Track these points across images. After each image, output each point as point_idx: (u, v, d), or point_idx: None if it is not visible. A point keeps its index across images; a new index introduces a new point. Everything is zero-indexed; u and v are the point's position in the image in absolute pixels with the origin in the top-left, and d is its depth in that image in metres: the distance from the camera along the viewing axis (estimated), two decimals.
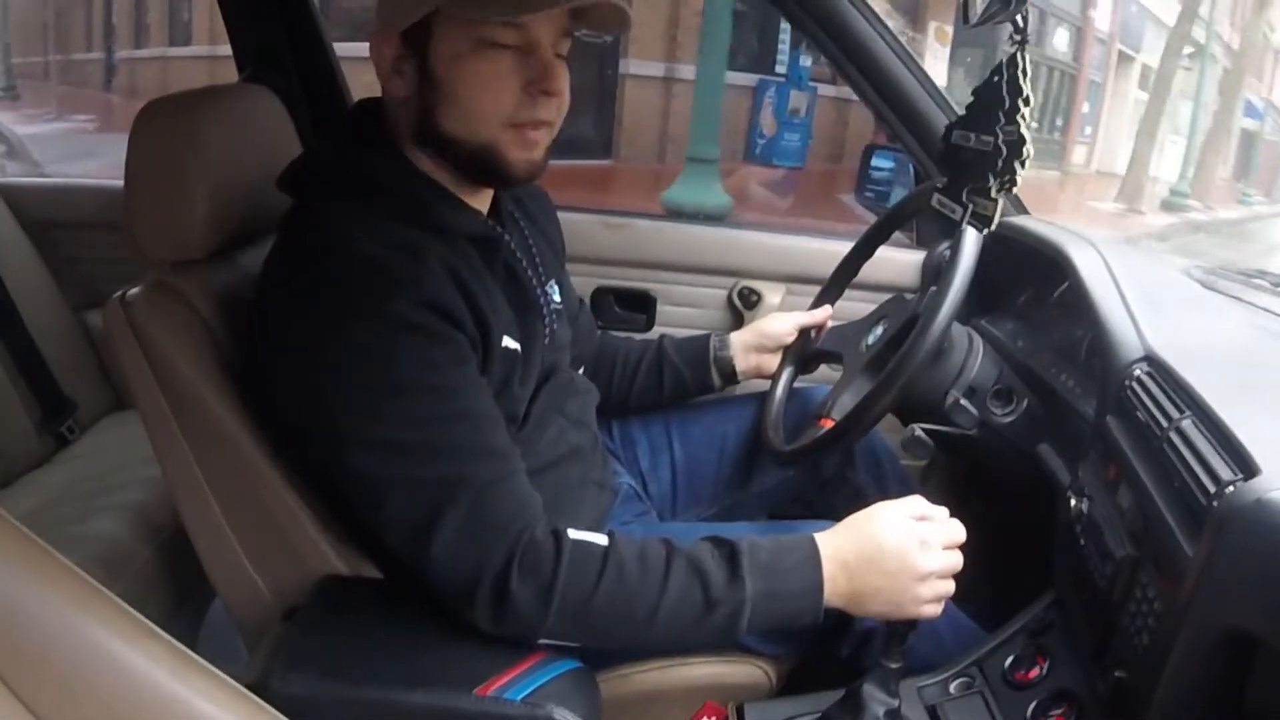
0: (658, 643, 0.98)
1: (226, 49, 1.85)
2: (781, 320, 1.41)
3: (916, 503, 1.02)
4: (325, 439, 0.95)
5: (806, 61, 11.04)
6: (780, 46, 11.40)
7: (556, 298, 1.20)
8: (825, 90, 11.30)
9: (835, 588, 0.97)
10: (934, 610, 1.00)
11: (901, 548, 0.98)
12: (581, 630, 0.95)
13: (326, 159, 1.06)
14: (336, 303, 0.92)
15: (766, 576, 0.95)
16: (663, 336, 1.44)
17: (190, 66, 10.62)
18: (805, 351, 1.41)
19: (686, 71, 9.33)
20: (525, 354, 1.07)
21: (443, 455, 0.92)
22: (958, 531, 1.01)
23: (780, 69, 11.43)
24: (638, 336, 1.49)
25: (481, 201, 1.09)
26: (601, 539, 0.95)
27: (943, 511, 1.03)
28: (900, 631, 0.99)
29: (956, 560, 1.00)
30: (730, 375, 1.40)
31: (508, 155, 0.99)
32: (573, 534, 0.95)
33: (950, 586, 1.00)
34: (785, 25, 10.75)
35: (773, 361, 1.41)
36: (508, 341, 1.03)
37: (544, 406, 1.12)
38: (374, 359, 0.91)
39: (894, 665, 0.98)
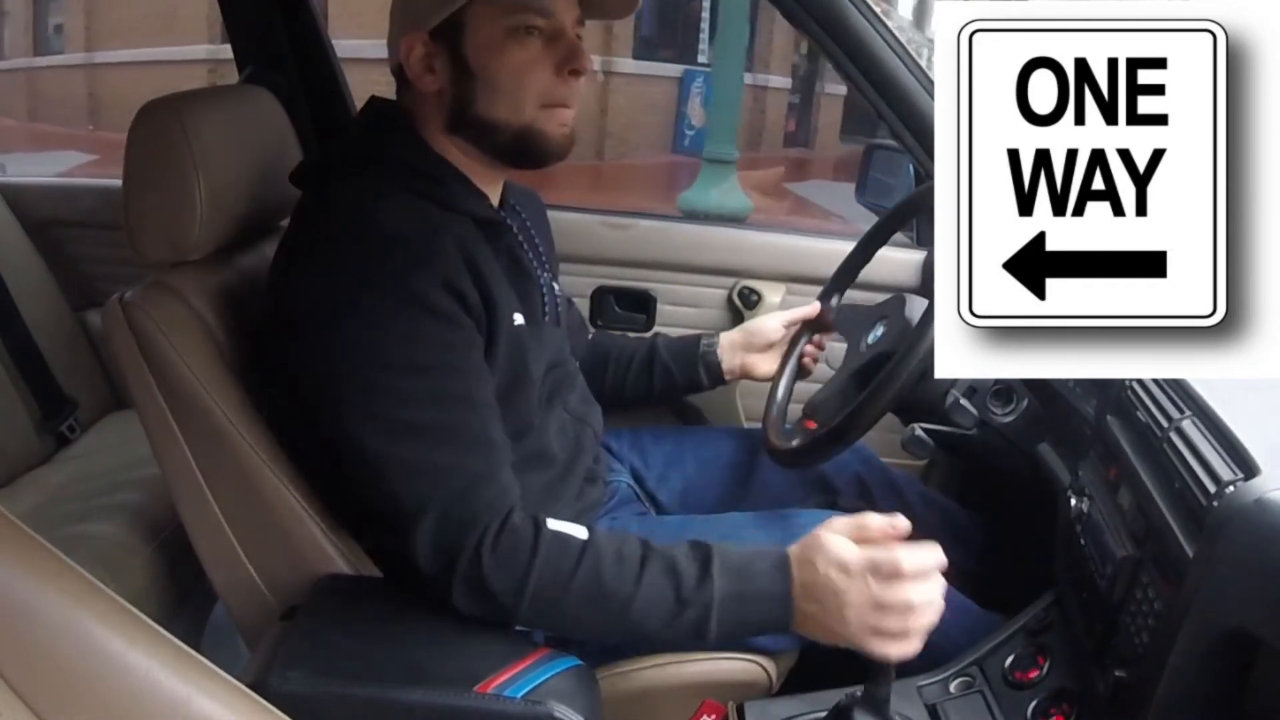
0: (629, 639, 1.00)
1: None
2: (770, 320, 1.40)
3: (867, 520, 0.95)
4: (336, 415, 0.96)
5: None
6: (701, 35, 10.56)
7: (556, 288, 1.22)
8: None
9: (802, 604, 0.93)
10: (902, 649, 0.91)
11: (846, 579, 0.91)
12: (554, 619, 0.97)
13: (345, 143, 1.10)
14: (357, 279, 0.96)
15: (736, 578, 0.94)
16: (656, 335, 1.44)
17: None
18: (819, 323, 1.39)
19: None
20: (533, 333, 1.09)
21: (445, 439, 0.95)
22: (924, 559, 0.91)
23: (703, 58, 10.27)
24: (631, 335, 1.48)
25: (493, 191, 1.12)
26: (581, 531, 0.97)
27: (909, 551, 0.91)
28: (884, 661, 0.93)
29: (928, 591, 0.91)
30: (717, 374, 1.39)
31: (547, 133, 1.05)
32: (552, 525, 0.96)
33: (928, 618, 0.91)
34: (705, 13, 10.27)
35: (760, 361, 1.39)
36: (517, 318, 1.05)
37: (549, 393, 1.14)
38: (392, 335, 0.94)
39: (882, 694, 0.93)
